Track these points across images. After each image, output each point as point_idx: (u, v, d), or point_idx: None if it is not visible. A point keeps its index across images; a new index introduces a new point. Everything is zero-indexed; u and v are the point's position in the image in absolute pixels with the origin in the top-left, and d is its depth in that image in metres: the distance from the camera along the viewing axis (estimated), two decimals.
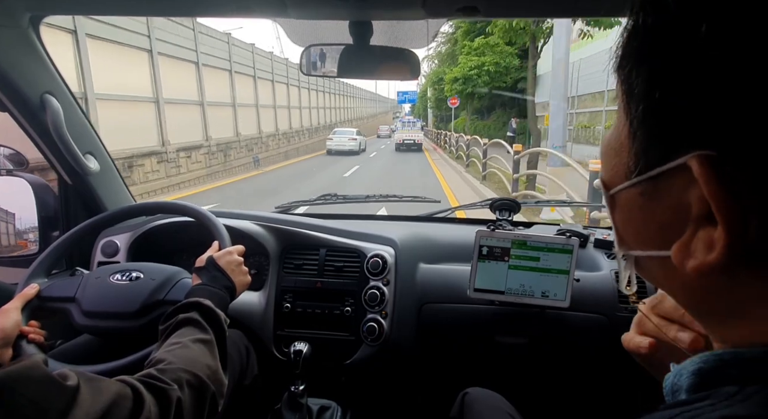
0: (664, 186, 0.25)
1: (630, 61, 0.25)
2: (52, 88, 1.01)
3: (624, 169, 0.27)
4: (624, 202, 0.29)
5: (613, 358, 1.11)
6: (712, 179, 0.21)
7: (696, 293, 0.26)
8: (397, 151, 19.47)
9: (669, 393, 0.28)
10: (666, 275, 0.28)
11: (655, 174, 0.25)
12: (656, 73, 0.23)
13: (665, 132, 0.24)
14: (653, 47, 0.24)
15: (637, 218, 0.28)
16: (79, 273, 0.93)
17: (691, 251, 0.23)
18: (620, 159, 0.28)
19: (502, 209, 1.22)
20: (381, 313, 1.10)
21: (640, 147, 0.25)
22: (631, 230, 0.30)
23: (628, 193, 0.28)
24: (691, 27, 0.21)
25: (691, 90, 0.22)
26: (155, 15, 1.01)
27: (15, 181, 1.13)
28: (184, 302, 0.71)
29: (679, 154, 0.23)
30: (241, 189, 9.57)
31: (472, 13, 0.80)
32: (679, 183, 0.23)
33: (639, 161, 0.26)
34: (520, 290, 1.03)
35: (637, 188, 0.27)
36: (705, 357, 0.26)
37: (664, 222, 0.26)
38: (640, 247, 0.29)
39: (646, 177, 0.25)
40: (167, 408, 0.52)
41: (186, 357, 0.60)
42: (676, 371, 0.28)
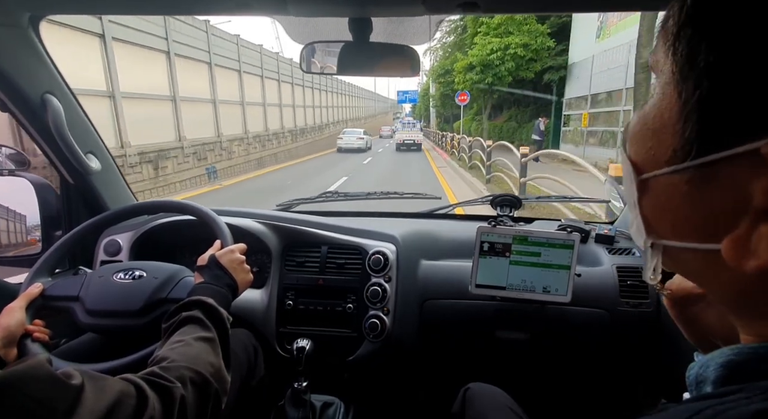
0: (720, 174, 0.22)
1: (696, 27, 0.22)
2: (52, 87, 1.01)
3: (665, 152, 0.25)
4: (661, 188, 0.26)
5: (614, 353, 1.12)
6: None
7: (741, 289, 0.24)
8: (398, 151, 19.82)
9: (693, 383, 0.27)
10: (706, 269, 0.26)
11: (710, 160, 0.22)
12: (731, 45, 0.20)
13: (735, 113, 0.21)
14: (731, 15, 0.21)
15: (676, 207, 0.26)
16: (83, 272, 0.93)
17: (752, 248, 0.21)
18: (660, 141, 0.25)
19: (503, 205, 1.22)
20: (383, 310, 1.10)
21: (694, 129, 0.23)
22: (667, 218, 0.27)
23: (669, 179, 0.25)
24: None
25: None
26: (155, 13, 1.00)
27: (17, 181, 1.13)
28: (187, 301, 0.71)
29: (748, 139, 0.20)
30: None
31: (472, 9, 0.80)
32: (741, 172, 0.21)
33: (691, 144, 0.23)
34: (522, 285, 1.03)
35: (683, 175, 0.24)
36: (737, 349, 0.24)
37: (714, 213, 0.23)
38: (675, 237, 0.27)
39: (698, 163, 0.23)
40: (171, 406, 0.52)
41: (189, 354, 0.61)
42: (702, 361, 0.26)
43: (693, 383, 0.27)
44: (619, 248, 1.18)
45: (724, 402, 0.21)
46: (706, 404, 0.22)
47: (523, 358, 1.21)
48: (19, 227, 1.16)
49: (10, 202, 1.14)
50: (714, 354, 0.25)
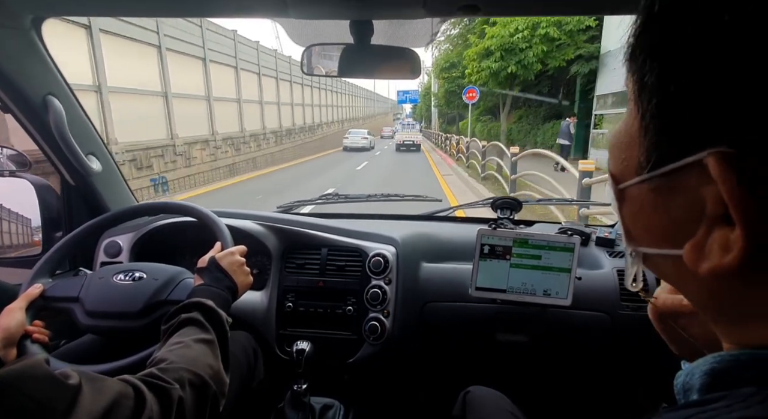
0: (677, 183, 0.24)
1: (643, 51, 0.24)
2: (54, 89, 1.02)
3: (635, 163, 0.26)
4: (634, 197, 0.28)
5: (615, 356, 1.11)
6: (730, 178, 0.20)
7: (709, 294, 0.25)
8: (398, 151, 20.46)
9: (680, 391, 0.28)
10: (678, 274, 0.27)
11: (667, 170, 0.23)
12: (671, 65, 0.22)
13: (679, 127, 0.22)
14: (668, 37, 0.22)
15: (647, 215, 0.27)
16: (83, 273, 0.93)
17: (706, 252, 0.22)
18: (631, 153, 0.27)
19: (503, 207, 1.22)
20: (383, 312, 1.10)
21: (652, 141, 0.24)
22: (641, 226, 0.29)
23: (638, 188, 0.27)
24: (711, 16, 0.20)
25: (710, 84, 0.20)
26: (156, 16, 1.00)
27: (18, 182, 1.14)
28: (186, 303, 0.71)
29: (694, 150, 0.21)
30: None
31: (473, 12, 0.80)
32: (693, 180, 0.22)
33: (651, 155, 0.25)
34: (522, 288, 1.03)
35: (649, 184, 0.26)
36: (719, 357, 0.25)
37: (676, 220, 0.25)
38: (649, 244, 0.28)
39: (659, 173, 0.24)
40: (169, 407, 0.52)
41: (188, 356, 0.60)
42: (687, 370, 0.27)
43: (680, 391, 0.28)
44: (620, 251, 1.17)
45: (707, 410, 0.22)
46: (691, 412, 0.23)
47: (523, 361, 1.20)
48: (21, 228, 1.16)
49: (11, 203, 1.14)
50: (699, 362, 0.26)
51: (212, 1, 0.83)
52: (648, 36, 0.24)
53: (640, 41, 0.24)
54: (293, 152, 17.61)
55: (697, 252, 0.23)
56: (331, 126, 25.16)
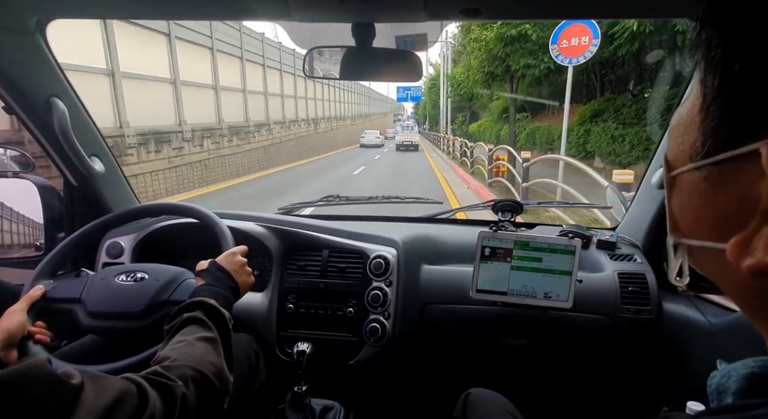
0: (731, 173, 0.22)
1: (711, 23, 0.23)
2: (58, 91, 1.02)
3: (690, 148, 0.25)
4: (685, 185, 0.27)
5: (615, 359, 1.11)
6: None
7: (751, 292, 0.24)
8: (398, 151, 22.16)
9: (713, 392, 0.27)
10: (720, 270, 0.26)
11: (722, 159, 0.22)
12: (738, 42, 0.21)
13: (739, 110, 0.21)
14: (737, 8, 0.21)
15: (696, 205, 0.26)
16: (85, 274, 0.94)
17: (752, 248, 0.21)
18: (689, 137, 0.25)
19: (504, 210, 1.22)
20: (383, 314, 1.10)
21: (710, 126, 0.23)
22: (689, 216, 0.27)
23: (691, 176, 0.25)
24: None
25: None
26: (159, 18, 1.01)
27: (21, 183, 1.14)
28: (189, 302, 0.71)
29: (752, 137, 0.20)
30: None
31: (474, 15, 0.81)
32: (748, 172, 0.21)
33: (707, 141, 0.23)
34: (523, 291, 1.03)
35: (702, 172, 0.24)
36: (760, 361, 0.24)
37: (725, 213, 0.23)
38: (695, 236, 0.27)
39: (713, 161, 0.23)
40: (172, 405, 0.52)
41: (191, 354, 0.61)
42: (724, 371, 0.26)
43: (714, 392, 0.27)
44: (621, 254, 1.17)
45: (748, 416, 0.21)
46: (730, 417, 0.22)
47: (524, 363, 1.20)
48: (24, 228, 1.16)
49: (14, 204, 1.15)
50: (737, 365, 0.25)
51: (216, 4, 0.84)
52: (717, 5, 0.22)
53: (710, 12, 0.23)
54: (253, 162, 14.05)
55: (742, 248, 0.22)
56: (309, 125, 20.57)
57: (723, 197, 0.23)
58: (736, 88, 0.21)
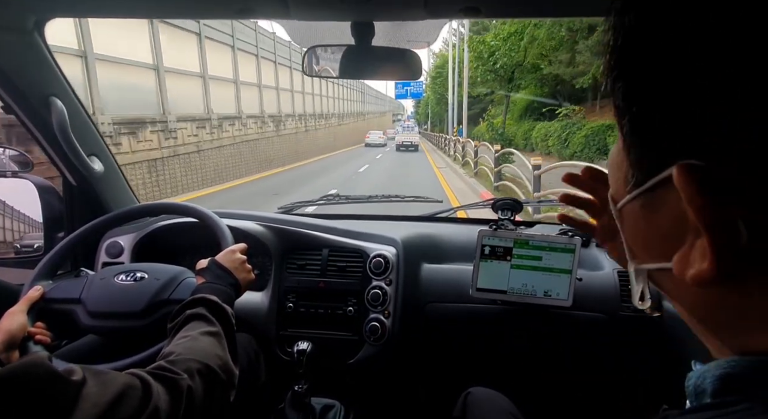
0: (660, 198, 0.25)
1: (610, 75, 0.26)
2: (57, 90, 1.02)
3: (624, 182, 0.28)
4: (629, 215, 0.29)
5: (615, 357, 1.11)
6: (690, 188, 0.21)
7: (705, 304, 0.26)
8: (397, 151, 22.30)
9: (692, 394, 0.28)
10: (675, 288, 0.28)
11: (650, 186, 0.25)
12: (631, 87, 0.24)
13: (650, 144, 0.24)
14: (625, 63, 0.24)
15: (642, 231, 0.28)
16: (84, 274, 0.94)
17: (690, 261, 0.23)
18: (621, 172, 0.28)
19: (504, 208, 1.22)
20: (383, 313, 1.10)
21: (633, 160, 0.26)
22: (639, 243, 0.30)
23: (631, 206, 0.28)
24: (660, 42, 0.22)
25: (666, 103, 0.22)
26: (159, 17, 1.01)
27: (20, 183, 1.14)
28: (191, 299, 0.71)
29: (666, 165, 0.23)
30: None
31: (474, 14, 0.80)
32: (674, 194, 0.23)
33: (635, 173, 0.26)
34: (523, 289, 1.03)
35: (638, 201, 0.27)
36: (733, 362, 0.25)
37: (666, 234, 0.25)
38: (648, 260, 0.29)
39: (643, 190, 0.25)
40: (178, 397, 0.52)
41: (195, 348, 0.61)
42: (699, 372, 0.27)
43: (692, 393, 0.28)
44: None
45: (728, 413, 0.22)
46: (708, 414, 0.23)
47: (523, 362, 1.20)
48: (23, 228, 1.16)
49: (13, 204, 1.14)
50: (711, 366, 0.26)
51: (215, 3, 0.84)
52: (611, 61, 0.25)
53: (607, 65, 0.26)
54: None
55: (684, 263, 0.24)
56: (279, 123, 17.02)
57: (661, 220, 0.26)
58: (641, 126, 0.24)
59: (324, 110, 22.71)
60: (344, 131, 27.94)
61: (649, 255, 0.29)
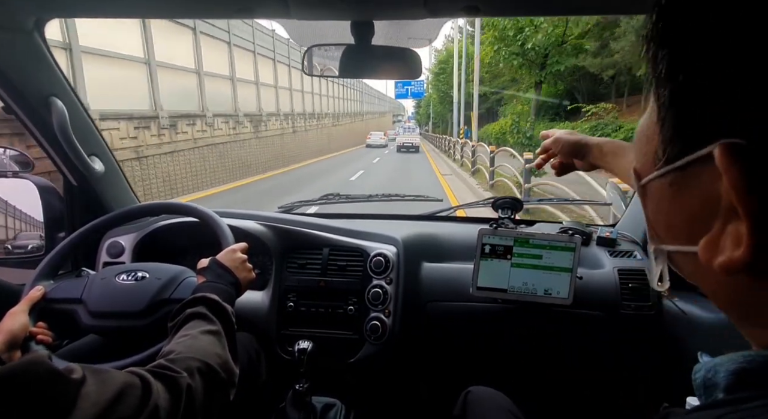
0: (692, 176, 0.23)
1: (655, 42, 0.24)
2: (57, 90, 1.02)
3: (653, 156, 0.26)
4: (654, 193, 0.28)
5: (616, 355, 1.11)
6: (734, 169, 0.20)
7: (729, 293, 0.25)
8: (398, 152, 22.33)
9: (700, 387, 0.27)
10: (697, 272, 0.27)
11: (682, 164, 0.23)
12: (679, 54, 0.22)
13: (691, 119, 0.22)
14: (676, 27, 0.22)
15: (667, 211, 0.27)
16: (85, 274, 0.94)
17: (720, 247, 0.22)
18: (651, 147, 0.27)
19: (504, 207, 1.22)
20: (384, 312, 1.10)
21: (667, 134, 0.24)
22: (662, 223, 0.28)
23: (658, 183, 0.26)
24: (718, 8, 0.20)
25: (715, 74, 0.20)
26: (159, 17, 1.01)
27: (21, 183, 1.14)
28: (191, 298, 0.72)
29: (705, 142, 0.21)
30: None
31: (474, 12, 0.80)
32: (708, 174, 0.22)
33: (666, 149, 0.24)
34: (523, 288, 1.03)
35: (666, 178, 0.25)
36: (749, 356, 0.24)
37: (693, 215, 0.24)
38: (671, 241, 0.27)
39: (674, 167, 0.24)
40: (178, 396, 0.52)
41: (195, 346, 0.61)
42: (709, 366, 0.26)
43: (701, 387, 0.27)
44: (621, 250, 1.17)
45: (740, 410, 0.22)
46: (720, 411, 0.22)
47: (524, 360, 1.21)
48: (24, 228, 1.16)
49: (14, 204, 1.14)
50: (723, 359, 0.25)
51: (214, 3, 0.84)
52: (659, 25, 0.24)
53: (653, 31, 0.24)
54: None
55: (712, 248, 0.22)
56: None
57: (689, 201, 0.24)
58: (684, 98, 0.22)
59: (317, 109, 19.95)
60: (340, 133, 25.17)
61: (671, 236, 0.27)
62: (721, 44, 0.20)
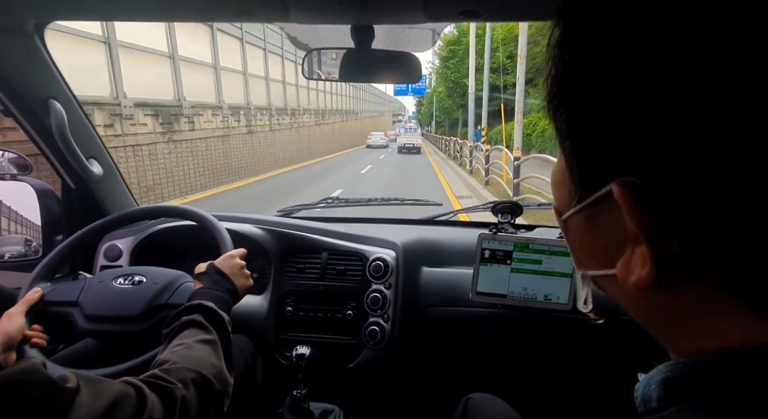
0: (601, 210, 0.27)
1: (552, 102, 0.27)
2: (56, 93, 1.02)
3: (568, 196, 0.30)
4: (574, 226, 0.31)
5: (617, 360, 1.10)
6: (629, 201, 0.23)
7: (646, 308, 0.28)
8: (399, 153, 21.74)
9: (641, 404, 0.29)
10: (620, 293, 0.30)
11: (591, 201, 0.27)
12: (573, 115, 0.26)
13: (591, 164, 0.26)
14: (566, 93, 0.26)
15: (586, 241, 0.31)
16: (82, 277, 0.93)
17: (632, 267, 0.25)
18: (564, 189, 0.30)
19: (504, 212, 1.21)
20: (383, 317, 1.10)
21: (576, 177, 0.28)
22: (584, 251, 0.32)
23: (575, 218, 0.30)
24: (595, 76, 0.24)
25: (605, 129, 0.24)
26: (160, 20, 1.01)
27: (19, 186, 1.14)
28: (187, 305, 0.71)
29: (606, 182, 0.24)
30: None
31: (474, 17, 0.80)
32: (614, 207, 0.24)
33: (577, 189, 0.28)
34: (523, 293, 1.02)
35: (581, 214, 0.29)
36: (671, 365, 0.27)
37: (608, 243, 0.28)
38: (594, 266, 0.31)
39: (585, 204, 0.27)
40: (172, 407, 0.52)
41: (190, 356, 0.60)
42: (644, 381, 0.29)
43: (641, 403, 0.29)
44: None
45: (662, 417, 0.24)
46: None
47: (524, 366, 1.20)
48: (22, 231, 1.16)
49: (12, 206, 1.14)
50: (653, 373, 0.28)
51: (214, 6, 0.84)
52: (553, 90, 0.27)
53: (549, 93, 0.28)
54: None
55: (626, 269, 0.26)
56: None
57: (603, 231, 0.28)
58: (582, 149, 0.26)
59: (293, 103, 15.29)
60: (325, 134, 20.19)
61: (594, 262, 0.31)
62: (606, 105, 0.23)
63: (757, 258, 0.21)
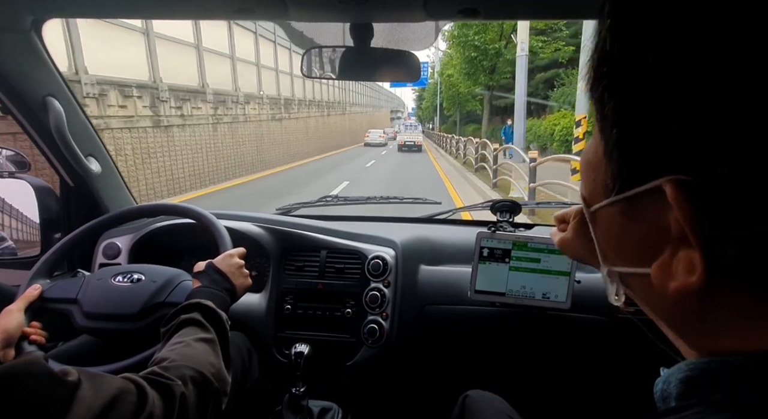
0: (642, 206, 0.25)
1: (601, 85, 0.25)
2: (54, 90, 1.02)
3: (602, 186, 0.27)
4: (604, 219, 0.29)
5: (614, 360, 1.11)
6: (685, 204, 0.21)
7: (677, 311, 0.26)
8: (399, 151, 21.06)
9: (660, 399, 0.28)
10: (646, 292, 0.28)
11: (632, 194, 0.25)
12: (627, 101, 0.23)
13: (639, 155, 0.24)
14: (622, 76, 0.24)
15: (617, 236, 0.28)
16: (81, 275, 0.93)
17: (672, 271, 0.23)
18: (598, 175, 0.28)
19: (502, 210, 1.21)
20: (382, 315, 1.10)
21: (616, 167, 0.25)
22: (612, 246, 0.30)
23: (608, 210, 0.28)
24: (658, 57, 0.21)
25: (663, 118, 0.22)
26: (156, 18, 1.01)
27: (17, 183, 1.13)
28: (186, 304, 0.71)
29: (653, 177, 0.23)
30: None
31: (473, 15, 0.80)
32: (656, 204, 0.23)
33: (616, 180, 0.26)
34: (521, 291, 1.03)
35: (616, 207, 0.27)
36: (692, 364, 0.25)
37: (643, 241, 0.26)
38: (621, 263, 0.29)
39: (624, 197, 0.25)
40: (172, 404, 0.52)
41: (189, 354, 0.61)
42: (664, 377, 0.28)
43: (660, 398, 0.28)
44: None
45: (684, 417, 0.23)
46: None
47: (522, 364, 1.20)
48: (23, 229, 1.16)
49: (10, 204, 1.14)
50: (673, 370, 0.27)
51: (213, 4, 0.83)
52: (605, 70, 0.25)
53: (598, 74, 0.25)
54: None
55: (664, 272, 0.24)
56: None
57: (639, 227, 0.26)
58: (631, 139, 0.24)
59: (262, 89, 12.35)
60: (309, 131, 16.94)
61: (621, 259, 0.29)
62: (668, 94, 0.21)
63: None
